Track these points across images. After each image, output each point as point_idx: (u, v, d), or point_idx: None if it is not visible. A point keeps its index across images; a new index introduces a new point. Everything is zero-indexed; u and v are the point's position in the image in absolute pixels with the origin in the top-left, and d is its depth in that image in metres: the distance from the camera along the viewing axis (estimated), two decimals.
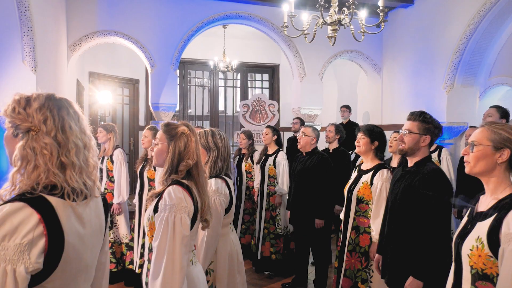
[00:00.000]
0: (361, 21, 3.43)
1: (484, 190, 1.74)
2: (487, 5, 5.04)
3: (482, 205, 1.72)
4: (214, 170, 2.43)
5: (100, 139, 4.48)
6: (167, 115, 6.15)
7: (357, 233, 3.05)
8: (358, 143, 3.15)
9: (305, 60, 6.74)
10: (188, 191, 1.83)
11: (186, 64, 8.79)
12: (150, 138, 4.12)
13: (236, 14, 6.36)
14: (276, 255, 4.62)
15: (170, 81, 6.14)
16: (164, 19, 6.09)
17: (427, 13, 6.10)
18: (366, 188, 3.04)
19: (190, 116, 9.55)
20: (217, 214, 2.32)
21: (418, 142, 2.37)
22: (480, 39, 5.36)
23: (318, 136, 4.11)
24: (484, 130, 1.69)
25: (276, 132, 4.85)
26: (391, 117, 6.92)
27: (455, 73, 5.60)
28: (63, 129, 1.22)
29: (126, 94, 8.09)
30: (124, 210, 4.45)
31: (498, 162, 1.64)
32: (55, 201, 1.16)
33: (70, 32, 5.65)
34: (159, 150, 1.93)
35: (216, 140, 2.47)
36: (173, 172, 1.88)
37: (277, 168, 4.70)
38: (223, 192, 2.38)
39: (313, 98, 6.80)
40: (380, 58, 7.14)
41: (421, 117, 2.40)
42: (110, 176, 4.43)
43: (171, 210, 1.76)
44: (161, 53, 6.08)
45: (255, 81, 9.69)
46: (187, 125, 1.99)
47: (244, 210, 5.26)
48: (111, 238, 4.39)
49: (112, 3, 5.84)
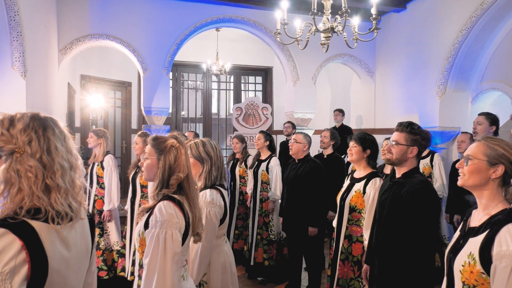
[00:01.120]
0: (354, 28, 3.42)
1: (476, 200, 1.74)
2: (479, 10, 5.06)
3: (474, 220, 1.71)
4: (209, 180, 2.41)
5: (91, 144, 4.44)
6: (159, 119, 6.11)
7: (350, 242, 3.04)
8: (350, 151, 3.14)
9: (298, 64, 6.73)
10: (179, 206, 1.81)
11: (179, 66, 8.74)
12: (141, 145, 4.09)
13: (229, 17, 6.34)
14: (269, 261, 4.60)
15: (163, 85, 6.09)
16: (156, 23, 6.04)
17: (420, 18, 6.12)
18: (358, 196, 3.03)
19: (183, 118, 9.50)
20: (211, 226, 2.30)
21: (405, 153, 2.37)
22: (472, 44, 5.38)
23: (310, 142, 4.10)
24: (480, 145, 1.69)
25: (268, 138, 4.83)
26: (384, 121, 6.93)
27: (448, 78, 5.62)
28: (49, 150, 1.19)
29: (118, 97, 8.03)
30: (115, 217, 4.41)
31: (491, 177, 1.64)
32: (38, 225, 1.13)
33: (61, 36, 5.59)
34: (149, 165, 1.90)
35: (208, 149, 2.45)
36: (164, 186, 1.86)
37: (270, 174, 4.68)
38: (218, 203, 2.36)
39: (306, 102, 6.79)
40: (373, 62, 7.16)
41: (408, 128, 2.39)
42: (100, 183, 4.39)
43: (162, 226, 1.74)
44: (154, 57, 6.04)
45: (248, 84, 9.67)
46: (176, 138, 1.96)
47: (238, 215, 5.24)
48: (102, 246, 4.34)
49: (104, 7, 5.79)
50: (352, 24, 3.47)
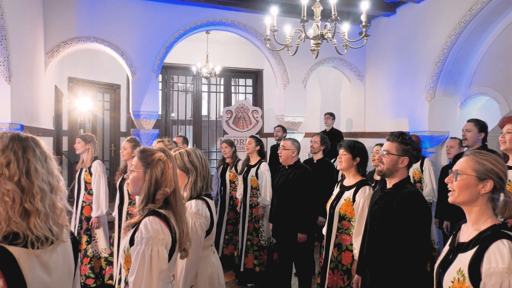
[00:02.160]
0: (343, 35, 3.41)
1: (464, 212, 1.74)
2: (468, 16, 5.09)
3: (463, 234, 1.71)
4: (195, 191, 2.37)
5: (78, 150, 4.38)
6: (148, 123, 6.04)
7: (340, 251, 3.03)
8: (340, 159, 3.13)
9: (288, 68, 6.72)
10: (165, 222, 1.77)
11: (169, 69, 8.67)
12: (129, 150, 4.04)
13: (219, 21, 6.30)
14: (260, 267, 4.58)
15: (152, 89, 6.03)
16: (145, 26, 5.98)
17: (409, 23, 6.15)
18: (348, 205, 3.02)
19: (173, 121, 9.43)
20: (197, 237, 2.27)
21: (396, 163, 2.36)
22: (460, 49, 5.42)
23: (299, 148, 4.08)
24: (469, 160, 1.68)
25: (259, 143, 4.81)
26: (374, 125, 6.95)
27: (437, 82, 5.65)
28: (28, 173, 1.15)
29: (107, 99, 7.94)
30: (103, 224, 4.35)
31: (481, 193, 1.64)
32: (17, 251, 1.09)
33: (48, 39, 5.49)
34: (135, 178, 1.86)
35: (193, 159, 2.41)
36: (149, 201, 1.82)
37: (260, 179, 4.66)
38: (204, 214, 2.32)
39: (297, 105, 6.78)
40: (363, 66, 7.17)
41: (400, 138, 2.39)
42: (88, 189, 4.33)
43: (147, 243, 1.70)
44: (143, 60, 5.97)
45: (238, 86, 9.63)
46: (164, 151, 1.93)
47: (228, 220, 5.20)
48: (90, 253, 4.28)
49: (92, 9, 5.71)
50: (342, 31, 3.46)
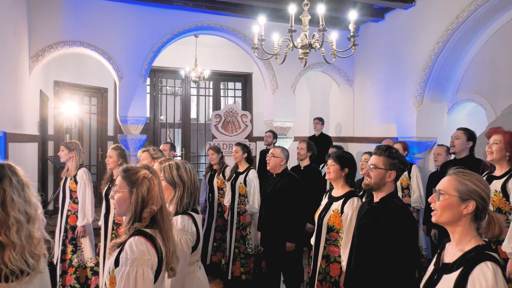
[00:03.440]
0: (331, 44, 3.40)
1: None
2: (455, 24, 5.14)
3: (448, 254, 1.71)
4: (180, 207, 2.33)
5: (62, 158, 4.30)
6: (136, 128, 5.97)
7: (328, 262, 3.02)
8: (328, 169, 3.11)
9: (277, 73, 6.70)
10: (151, 242, 1.74)
11: (157, 72, 8.60)
12: (115, 158, 3.99)
13: (208, 25, 6.26)
14: (247, 276, 4.55)
15: (139, 94, 5.96)
16: (133, 30, 5.91)
17: (397, 29, 6.18)
18: (336, 216, 3.00)
19: (162, 124, 9.35)
20: (183, 254, 2.22)
21: (384, 178, 2.36)
22: (448, 56, 5.47)
23: (288, 157, 4.07)
24: (451, 179, 1.69)
25: (246, 150, 4.78)
26: (362, 130, 6.98)
27: (424, 89, 5.69)
28: (3, 204, 1.11)
29: (94, 103, 7.84)
30: (89, 233, 4.27)
31: (463, 213, 1.64)
32: None
33: (32, 43, 5.40)
34: (120, 198, 1.82)
35: (182, 174, 2.36)
36: (136, 220, 1.78)
37: (248, 187, 4.63)
38: (190, 230, 2.28)
39: (286, 110, 6.77)
40: (351, 71, 7.19)
41: (387, 152, 2.39)
42: (73, 197, 4.25)
43: (132, 264, 1.66)
44: (130, 64, 5.90)
45: (227, 90, 9.59)
46: (148, 168, 1.89)
47: (216, 228, 5.16)
48: (75, 263, 4.20)
49: (78, 13, 5.62)
50: (330, 40, 3.45)
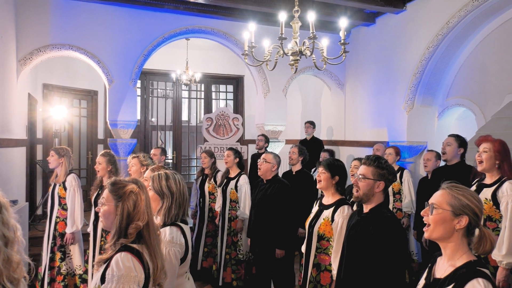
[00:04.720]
0: (322, 52, 3.39)
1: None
2: (445, 29, 5.16)
3: (439, 269, 1.70)
4: (168, 218, 2.29)
5: (52, 164, 4.24)
6: (126, 132, 5.91)
7: (318, 271, 3.00)
8: (319, 177, 3.10)
9: (269, 77, 6.69)
10: (138, 258, 1.71)
11: (148, 74, 8.54)
12: (104, 165, 3.95)
13: (199, 28, 6.22)
14: (237, 282, 4.52)
15: (129, 97, 5.91)
16: (123, 33, 5.85)
17: (388, 34, 6.19)
18: (327, 224, 2.99)
19: (153, 126, 9.29)
20: (171, 266, 2.19)
21: (372, 188, 2.36)
22: (438, 61, 5.49)
23: (279, 163, 4.05)
24: (445, 194, 1.67)
25: (238, 155, 4.75)
26: (354, 133, 6.99)
27: (415, 93, 5.71)
28: None
29: (84, 106, 7.75)
30: (78, 240, 4.22)
31: (455, 228, 1.63)
32: None
33: (20, 46, 5.32)
34: (106, 211, 1.79)
35: (170, 184, 2.33)
36: (121, 235, 1.75)
37: (239, 192, 4.60)
38: (178, 241, 2.24)
39: (277, 114, 6.76)
40: (343, 75, 7.20)
41: (376, 162, 2.38)
42: (62, 204, 4.19)
43: (118, 281, 1.64)
44: (120, 68, 5.84)
45: (219, 93, 9.55)
46: (136, 182, 1.86)
47: (207, 233, 5.13)
48: (64, 270, 4.15)
49: (67, 16, 5.55)
50: (321, 47, 3.44)
